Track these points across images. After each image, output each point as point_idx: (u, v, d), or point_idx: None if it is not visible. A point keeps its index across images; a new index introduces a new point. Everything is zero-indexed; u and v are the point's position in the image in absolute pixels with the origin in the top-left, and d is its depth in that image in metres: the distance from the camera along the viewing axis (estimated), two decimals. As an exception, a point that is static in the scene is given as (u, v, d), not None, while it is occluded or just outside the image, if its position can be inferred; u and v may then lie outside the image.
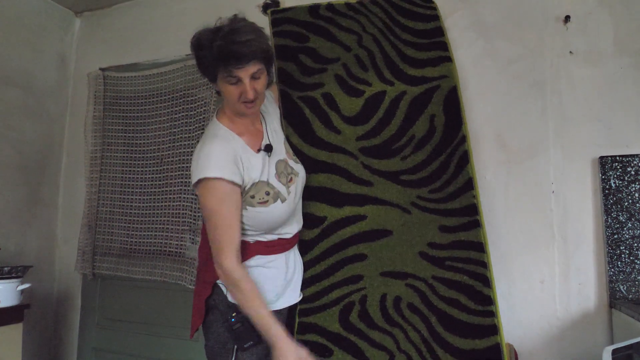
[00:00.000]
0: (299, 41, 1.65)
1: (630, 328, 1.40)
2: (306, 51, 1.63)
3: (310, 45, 1.63)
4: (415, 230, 1.45)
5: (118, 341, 2.41)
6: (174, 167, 2.32)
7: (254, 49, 1.22)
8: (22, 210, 2.45)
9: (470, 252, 1.38)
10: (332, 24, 1.66)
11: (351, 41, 1.62)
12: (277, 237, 1.37)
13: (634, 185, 1.62)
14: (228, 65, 1.21)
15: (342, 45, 1.62)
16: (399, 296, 1.40)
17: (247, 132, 1.36)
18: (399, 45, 1.61)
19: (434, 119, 1.52)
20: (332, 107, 1.56)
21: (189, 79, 2.35)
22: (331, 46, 1.62)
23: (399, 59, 1.59)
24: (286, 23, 1.69)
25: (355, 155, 1.52)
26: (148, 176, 2.41)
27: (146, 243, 2.35)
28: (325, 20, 1.66)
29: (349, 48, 1.61)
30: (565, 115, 1.74)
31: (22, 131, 2.46)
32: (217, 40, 1.21)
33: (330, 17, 1.67)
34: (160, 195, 2.36)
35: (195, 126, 2.28)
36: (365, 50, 1.61)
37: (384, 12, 1.66)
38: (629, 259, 1.59)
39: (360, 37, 1.63)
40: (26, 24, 2.50)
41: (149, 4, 2.61)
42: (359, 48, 1.61)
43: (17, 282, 2.01)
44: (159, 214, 2.34)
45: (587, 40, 1.75)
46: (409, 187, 1.48)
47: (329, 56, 1.62)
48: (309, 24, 1.67)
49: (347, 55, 1.61)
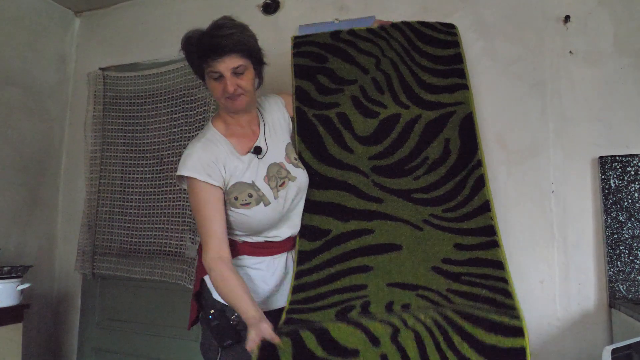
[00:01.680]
0: (318, 61, 1.67)
1: (629, 328, 1.40)
2: (324, 71, 1.64)
3: (329, 66, 1.65)
4: (428, 247, 1.36)
5: (118, 341, 2.41)
6: (173, 167, 2.32)
7: (234, 41, 1.25)
8: (22, 210, 2.45)
9: (488, 269, 1.27)
10: (351, 46, 1.67)
11: (369, 64, 1.63)
12: (264, 240, 1.37)
13: (633, 185, 1.62)
14: (208, 58, 1.25)
15: (360, 68, 1.63)
16: (407, 304, 1.22)
17: (238, 134, 1.38)
18: (417, 70, 1.60)
19: (449, 142, 1.51)
20: (346, 127, 1.56)
21: (188, 79, 2.35)
22: (349, 68, 1.64)
23: (415, 84, 1.59)
24: (307, 45, 1.72)
25: (366, 174, 1.50)
26: (148, 176, 2.41)
27: (146, 243, 2.34)
28: (345, 43, 1.68)
29: (366, 70, 1.62)
30: (565, 115, 1.74)
31: (22, 131, 2.46)
32: (202, 37, 1.27)
33: (350, 40, 1.68)
34: (159, 195, 2.35)
35: (194, 126, 2.28)
36: (383, 74, 1.61)
37: (404, 36, 1.66)
38: (629, 258, 1.59)
39: (379, 60, 1.63)
40: (26, 24, 2.50)
41: (149, 4, 2.61)
42: (377, 71, 1.62)
43: (17, 282, 2.01)
44: (159, 214, 2.34)
45: (587, 41, 1.75)
46: (421, 205, 1.44)
47: (347, 77, 1.63)
48: (329, 45, 1.69)
49: (364, 78, 1.61)
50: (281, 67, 2.22)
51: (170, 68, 2.41)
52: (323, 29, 2.12)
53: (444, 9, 1.96)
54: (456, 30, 1.68)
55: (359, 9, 2.10)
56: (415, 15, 1.99)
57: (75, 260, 2.49)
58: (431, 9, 1.98)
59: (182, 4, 2.50)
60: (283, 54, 2.22)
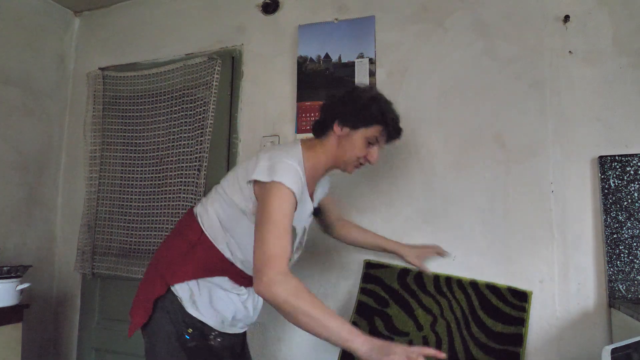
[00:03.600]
0: (380, 304, 1.77)
1: (629, 327, 1.40)
2: (383, 316, 1.74)
3: (389, 312, 1.74)
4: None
5: (116, 341, 2.40)
6: (172, 166, 2.32)
7: None
8: (22, 210, 2.45)
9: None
10: (414, 298, 1.74)
11: (426, 322, 1.68)
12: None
13: (633, 184, 1.62)
14: (394, 137, 1.39)
15: (416, 323, 1.69)
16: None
17: (310, 176, 1.34)
18: (469, 343, 1.60)
19: None
20: None
21: (188, 79, 2.35)
22: (406, 320, 1.70)
23: (463, 354, 1.60)
24: (375, 283, 1.82)
25: None
26: (147, 176, 2.40)
27: (145, 243, 2.34)
28: (409, 293, 1.75)
29: (421, 327, 1.67)
30: (565, 115, 1.74)
31: (22, 131, 2.46)
32: (393, 114, 1.38)
33: (414, 291, 1.75)
34: (158, 194, 2.35)
35: (194, 126, 2.28)
36: (435, 336, 1.65)
37: (467, 300, 1.67)
38: (628, 258, 1.59)
39: (436, 320, 1.67)
40: (25, 24, 2.50)
41: (149, 4, 2.61)
42: (430, 332, 1.66)
43: (17, 282, 2.01)
44: (157, 214, 2.33)
45: (587, 40, 1.75)
46: None
47: (401, 329, 1.70)
48: (394, 291, 1.77)
49: (416, 334, 1.67)
50: (281, 67, 2.22)
51: (169, 68, 2.41)
52: (323, 29, 2.13)
53: (443, 8, 1.96)
54: (528, 301, 1.63)
55: (358, 9, 2.10)
56: (415, 15, 1.99)
57: (75, 260, 2.49)
58: (431, 9, 1.98)
59: (182, 3, 2.50)
60: (283, 54, 2.23)
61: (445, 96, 1.91)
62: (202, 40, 2.40)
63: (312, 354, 1.98)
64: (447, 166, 1.87)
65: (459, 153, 1.86)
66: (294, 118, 2.13)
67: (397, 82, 1.98)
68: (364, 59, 2.04)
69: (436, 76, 1.93)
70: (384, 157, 1.94)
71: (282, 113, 2.18)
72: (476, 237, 1.79)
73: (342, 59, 2.07)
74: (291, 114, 2.15)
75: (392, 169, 1.94)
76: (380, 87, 2.00)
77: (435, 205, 1.87)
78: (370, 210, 1.95)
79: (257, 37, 2.29)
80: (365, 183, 1.97)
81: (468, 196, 1.82)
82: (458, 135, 1.87)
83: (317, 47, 2.13)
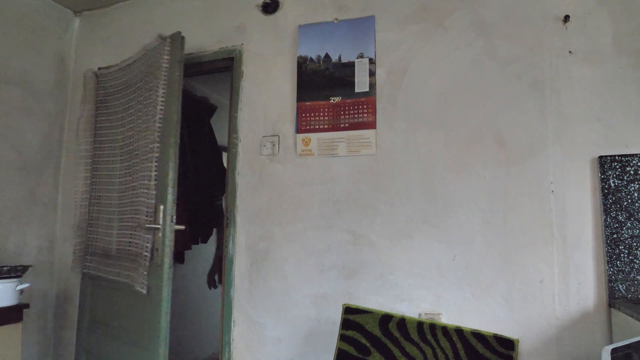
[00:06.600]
0: (361, 352, 1.73)
1: (629, 327, 1.40)
2: None
3: None
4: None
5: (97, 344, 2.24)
6: (137, 160, 2.13)
7: None
8: (22, 210, 2.45)
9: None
10: (397, 346, 1.70)
11: None
12: None
13: (633, 184, 1.62)
14: None
15: None
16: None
17: None
18: None
19: None
20: None
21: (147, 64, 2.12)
22: None
23: None
24: (355, 329, 1.76)
25: None
26: (122, 172, 2.24)
27: (115, 242, 2.19)
28: (392, 341, 1.71)
29: None
30: (565, 115, 1.74)
31: (22, 131, 2.46)
32: None
33: (397, 338, 1.71)
34: (127, 191, 2.18)
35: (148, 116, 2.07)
36: None
37: (452, 349, 1.64)
38: (628, 258, 1.59)
39: None
40: (25, 24, 2.50)
41: (149, 4, 2.61)
42: None
43: (17, 282, 2.01)
44: (127, 211, 2.15)
45: (587, 40, 1.75)
46: None
47: None
48: (376, 339, 1.73)
49: None
50: (281, 66, 2.22)
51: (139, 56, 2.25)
52: (323, 29, 2.13)
53: (443, 8, 1.96)
54: (515, 349, 1.58)
55: (358, 9, 2.10)
56: (415, 15, 1.99)
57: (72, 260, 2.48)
58: (431, 9, 1.98)
59: (182, 3, 2.50)
60: (283, 54, 2.23)
61: (445, 96, 1.91)
62: (202, 40, 2.40)
63: (311, 353, 1.98)
64: (447, 166, 1.87)
65: (459, 153, 1.86)
66: (294, 118, 2.13)
67: (397, 82, 1.98)
68: (364, 58, 2.04)
69: (436, 76, 1.93)
70: (384, 157, 1.94)
71: (282, 113, 2.18)
72: (476, 237, 1.79)
73: (342, 58, 2.07)
74: (291, 114, 2.15)
75: (392, 169, 1.94)
76: (380, 87, 2.00)
77: (435, 206, 1.87)
78: (371, 210, 1.95)
79: (257, 37, 2.29)
80: (366, 183, 1.97)
81: (468, 196, 1.82)
82: (458, 135, 1.87)
83: (317, 47, 2.13)
